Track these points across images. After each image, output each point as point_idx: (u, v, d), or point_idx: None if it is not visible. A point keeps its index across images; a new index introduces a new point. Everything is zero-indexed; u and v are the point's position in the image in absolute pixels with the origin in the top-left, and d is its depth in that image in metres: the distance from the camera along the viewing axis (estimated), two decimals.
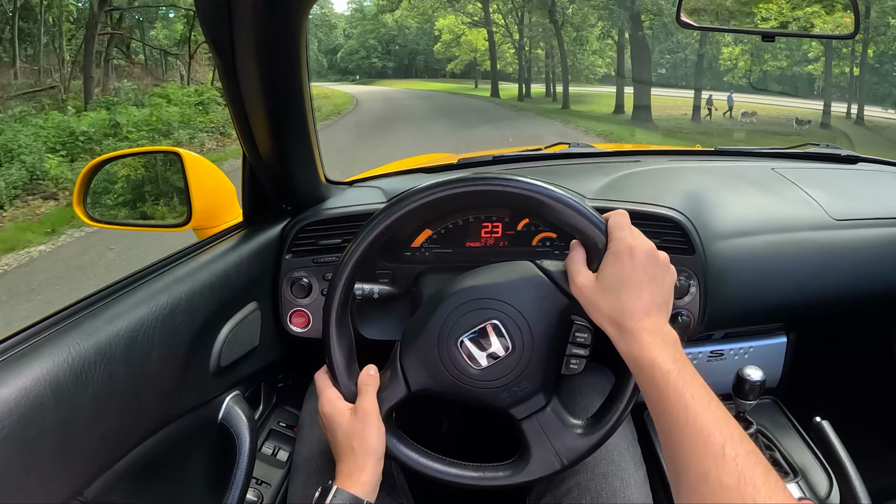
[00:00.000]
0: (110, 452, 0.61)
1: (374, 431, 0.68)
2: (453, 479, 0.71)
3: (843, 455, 0.87)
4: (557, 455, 0.69)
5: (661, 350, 0.58)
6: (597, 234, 0.65)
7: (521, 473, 0.70)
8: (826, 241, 1.03)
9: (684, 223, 0.92)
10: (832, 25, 1.04)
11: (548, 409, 0.70)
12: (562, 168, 1.17)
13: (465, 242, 0.94)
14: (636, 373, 0.60)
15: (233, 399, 0.83)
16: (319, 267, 0.92)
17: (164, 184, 1.08)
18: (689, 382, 0.55)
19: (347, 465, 0.67)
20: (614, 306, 0.61)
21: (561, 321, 0.70)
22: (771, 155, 1.30)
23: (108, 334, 0.60)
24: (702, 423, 0.52)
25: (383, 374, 0.72)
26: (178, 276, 0.74)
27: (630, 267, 0.62)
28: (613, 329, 0.62)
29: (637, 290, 0.61)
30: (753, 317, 1.04)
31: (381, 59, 48.27)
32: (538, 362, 0.69)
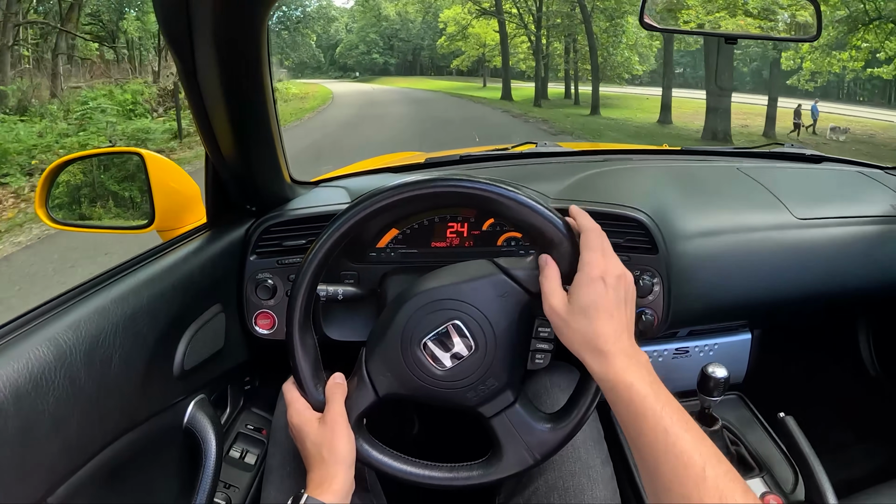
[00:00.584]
0: (73, 459, 0.60)
1: (344, 439, 0.67)
2: (427, 481, 0.70)
3: (807, 450, 0.88)
4: (529, 450, 0.70)
5: (636, 374, 0.59)
6: (555, 232, 0.66)
7: (495, 471, 0.70)
8: (790, 240, 1.04)
9: (648, 223, 0.93)
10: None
11: (516, 405, 0.71)
12: (528, 168, 1.17)
13: (430, 243, 0.94)
14: (612, 396, 0.60)
15: (198, 403, 0.82)
16: (284, 268, 0.92)
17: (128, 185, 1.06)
18: (666, 405, 0.56)
19: (318, 473, 0.66)
20: (588, 330, 0.62)
21: (522, 317, 0.70)
22: (737, 154, 1.32)
23: (69, 339, 0.59)
24: (681, 446, 0.53)
25: (350, 381, 0.72)
26: (141, 279, 0.73)
27: (602, 291, 0.62)
28: (586, 352, 0.62)
29: (609, 313, 0.62)
30: (718, 314, 1.05)
31: (382, 55, 45.44)
32: (503, 359, 0.69)
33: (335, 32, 47.44)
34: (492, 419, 0.70)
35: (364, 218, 0.68)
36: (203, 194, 0.92)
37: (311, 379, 0.71)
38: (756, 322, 1.14)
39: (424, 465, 0.71)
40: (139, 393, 0.69)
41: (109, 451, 0.65)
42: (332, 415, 0.68)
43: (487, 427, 0.71)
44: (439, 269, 0.74)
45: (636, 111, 16.88)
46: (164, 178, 0.95)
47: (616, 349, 0.60)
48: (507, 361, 0.70)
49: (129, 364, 0.67)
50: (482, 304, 0.69)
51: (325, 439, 0.67)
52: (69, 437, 0.59)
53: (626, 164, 1.20)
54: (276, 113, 0.82)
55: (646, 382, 0.58)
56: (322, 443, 0.67)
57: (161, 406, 0.75)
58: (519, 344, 0.71)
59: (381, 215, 0.69)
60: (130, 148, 1.02)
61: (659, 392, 0.57)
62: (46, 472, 0.56)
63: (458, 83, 33.64)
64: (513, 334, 0.70)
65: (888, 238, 1.12)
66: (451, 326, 0.69)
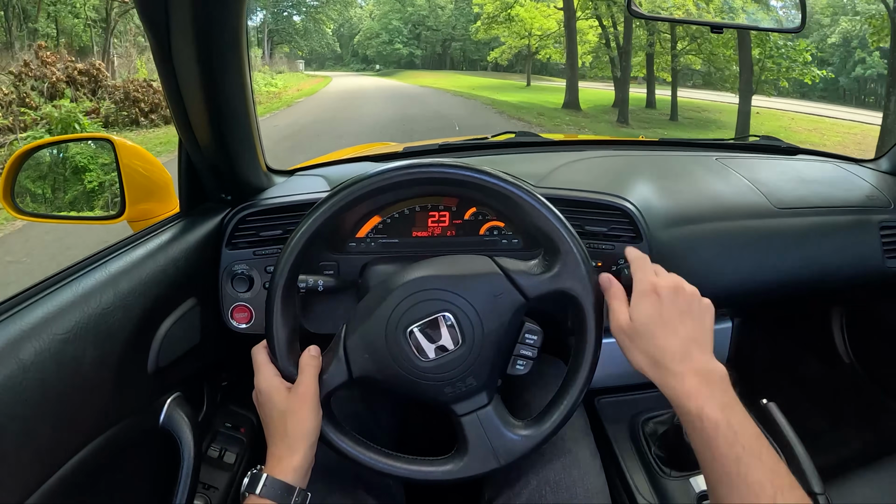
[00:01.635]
0: (46, 464, 0.58)
1: (311, 414, 0.65)
2: (387, 471, 0.69)
3: (791, 435, 0.89)
4: (495, 454, 0.69)
5: (707, 396, 0.57)
6: (565, 243, 0.67)
7: (457, 470, 0.69)
8: (768, 228, 1.06)
9: (633, 211, 0.93)
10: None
11: (489, 407, 0.70)
12: (508, 157, 1.17)
13: (411, 232, 0.93)
14: (683, 419, 0.58)
15: (174, 401, 0.80)
16: (261, 259, 0.89)
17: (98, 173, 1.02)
18: (740, 433, 0.55)
19: (279, 447, 0.64)
20: (651, 349, 0.61)
21: (513, 320, 0.69)
22: (714, 146, 1.34)
23: (38, 338, 0.57)
24: (753, 476, 0.52)
25: (325, 356, 0.70)
26: (111, 272, 0.70)
27: (657, 306, 0.62)
28: (655, 372, 0.61)
29: (671, 328, 0.61)
30: None
31: (406, 46, 40.06)
32: (486, 359, 0.68)
33: (358, 21, 42.74)
34: (463, 417, 0.69)
35: (370, 192, 0.67)
36: (176, 183, 0.89)
37: (286, 347, 0.69)
38: (736, 310, 1.15)
39: (386, 454, 0.70)
40: (112, 392, 0.67)
41: (83, 455, 0.63)
42: (303, 387, 0.66)
43: (457, 425, 0.70)
44: (435, 258, 0.73)
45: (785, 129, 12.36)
46: (135, 166, 0.92)
47: (683, 368, 0.59)
48: (490, 362, 0.69)
49: (100, 362, 0.65)
50: (476, 301, 0.68)
51: (291, 411, 0.65)
52: (41, 442, 0.57)
53: (606, 154, 1.20)
54: (253, 99, 0.80)
55: (717, 405, 0.56)
56: (288, 414, 0.65)
57: (136, 405, 0.72)
58: (504, 347, 0.70)
59: (379, 195, 0.68)
60: (100, 134, 0.98)
61: (732, 417, 0.56)
62: (18, 480, 0.54)
63: (493, 80, 27.34)
64: (500, 336, 0.69)
65: (863, 228, 1.14)
66: (440, 318, 0.67)
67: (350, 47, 43.66)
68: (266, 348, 0.70)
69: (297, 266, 0.69)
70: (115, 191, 0.92)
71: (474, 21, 25.15)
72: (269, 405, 0.67)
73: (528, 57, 24.76)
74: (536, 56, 22.84)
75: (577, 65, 15.58)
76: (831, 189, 1.20)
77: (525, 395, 0.90)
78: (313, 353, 0.69)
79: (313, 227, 0.68)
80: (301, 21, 39.04)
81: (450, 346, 0.67)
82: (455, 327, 0.67)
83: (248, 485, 0.62)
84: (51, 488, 0.57)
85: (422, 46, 40.18)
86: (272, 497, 0.61)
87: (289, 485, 0.62)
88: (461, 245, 0.93)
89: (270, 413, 0.67)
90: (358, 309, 0.71)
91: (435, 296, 0.68)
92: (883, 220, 1.16)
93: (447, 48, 40.36)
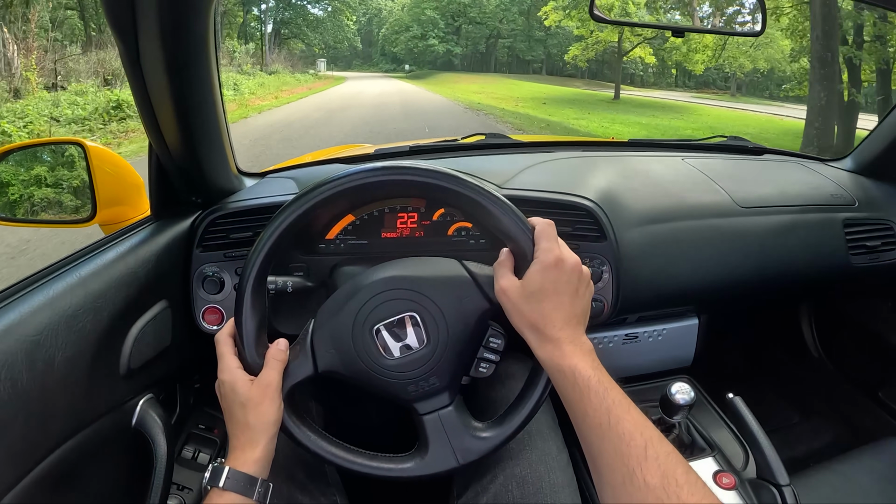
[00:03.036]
0: (18, 466, 0.58)
1: (273, 406, 0.65)
2: (346, 465, 0.70)
3: (756, 428, 0.92)
4: (455, 453, 0.70)
5: (580, 358, 0.60)
6: (527, 243, 0.66)
7: (416, 468, 0.70)
8: (732, 226, 1.08)
9: (597, 211, 0.95)
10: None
11: (451, 407, 0.71)
12: (478, 158, 1.18)
13: (380, 233, 0.94)
14: (557, 379, 0.61)
15: (146, 402, 0.80)
16: (231, 261, 0.90)
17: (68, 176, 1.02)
18: (609, 389, 0.58)
19: (240, 439, 0.64)
20: (537, 313, 0.63)
21: (478, 324, 0.71)
22: (681, 146, 1.36)
23: (8, 340, 0.58)
24: (624, 426, 0.55)
25: (292, 349, 0.70)
26: (82, 275, 0.71)
27: (556, 277, 0.63)
28: (534, 335, 0.63)
29: (560, 300, 0.63)
30: (665, 300, 1.08)
31: (443, 42, 31.84)
32: (449, 360, 0.69)
33: (388, 14, 35.30)
34: (425, 416, 0.71)
35: (335, 195, 0.67)
36: (147, 186, 0.89)
37: (253, 339, 0.68)
38: (703, 307, 1.17)
39: (346, 448, 0.71)
40: (85, 394, 0.67)
41: (56, 456, 0.63)
42: (267, 378, 0.66)
43: (418, 423, 0.71)
44: (404, 258, 0.74)
45: None
46: (106, 169, 0.92)
47: (563, 335, 0.62)
48: (454, 364, 0.70)
49: (73, 364, 0.65)
50: (442, 303, 0.69)
51: (253, 402, 0.65)
52: (13, 444, 0.57)
53: (574, 155, 1.22)
54: (223, 102, 0.81)
55: (589, 366, 0.60)
56: (250, 406, 0.64)
57: (108, 407, 0.73)
58: (468, 349, 0.72)
59: (342, 199, 0.68)
60: (71, 137, 0.98)
61: (602, 376, 0.59)
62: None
63: (558, 89, 20.34)
64: (465, 339, 0.70)
65: (826, 226, 1.17)
66: (407, 317, 0.69)
67: (378, 44, 36.64)
68: (231, 337, 0.69)
69: (270, 259, 0.68)
70: (86, 194, 0.92)
71: (528, 12, 20.13)
72: (231, 396, 0.66)
73: (615, 58, 18.24)
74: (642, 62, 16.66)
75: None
76: (796, 188, 1.23)
77: (491, 393, 0.91)
78: (281, 348, 0.69)
79: (289, 220, 0.68)
80: (315, 11, 32.25)
81: (415, 346, 0.69)
82: (421, 327, 0.69)
83: (210, 478, 0.62)
84: (24, 489, 0.58)
85: (462, 43, 32.33)
86: (235, 489, 0.61)
87: (251, 476, 0.62)
88: (429, 246, 0.94)
89: (232, 404, 0.66)
90: (327, 304, 0.72)
91: (403, 295, 0.69)
92: (847, 218, 1.19)
93: (492, 46, 32.66)
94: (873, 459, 1.01)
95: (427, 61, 33.45)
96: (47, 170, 1.03)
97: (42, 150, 1.06)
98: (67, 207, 1.00)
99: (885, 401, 1.40)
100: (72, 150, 0.98)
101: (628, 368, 1.16)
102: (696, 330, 1.17)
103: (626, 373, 1.17)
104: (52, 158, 1.04)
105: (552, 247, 0.65)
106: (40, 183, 1.03)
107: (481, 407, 0.89)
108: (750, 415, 0.94)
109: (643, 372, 1.17)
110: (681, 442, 1.00)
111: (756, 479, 0.90)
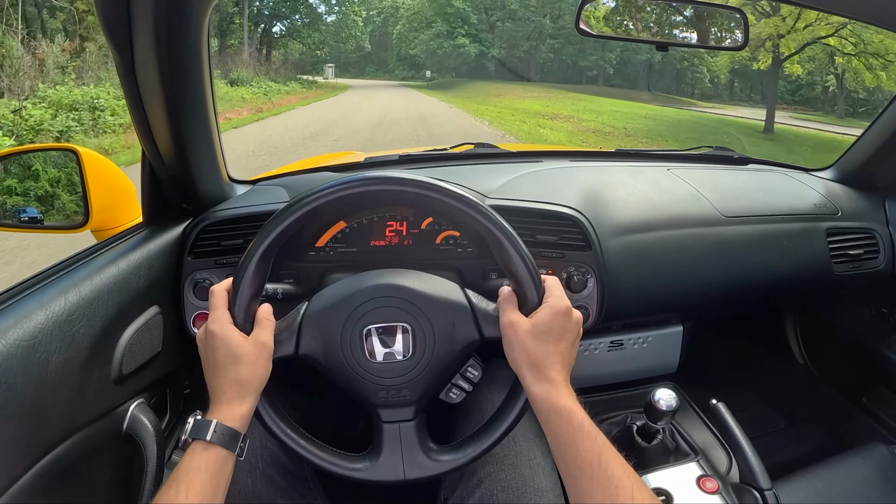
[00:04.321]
0: (10, 469, 0.58)
1: (267, 365, 0.66)
2: (302, 453, 0.70)
3: (739, 434, 0.93)
4: (404, 467, 0.71)
5: (573, 401, 0.63)
6: (532, 293, 0.68)
7: (363, 470, 0.71)
8: (716, 236, 1.10)
9: (581, 220, 0.97)
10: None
11: (413, 423, 0.72)
12: (466, 168, 1.19)
13: (369, 241, 0.95)
14: (550, 417, 0.63)
15: (137, 407, 0.81)
16: (222, 268, 0.91)
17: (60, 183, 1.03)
18: (598, 434, 0.61)
19: (228, 393, 0.63)
20: (541, 352, 0.65)
21: (462, 351, 0.72)
22: (667, 157, 1.38)
23: (3, 344, 0.58)
24: (613, 469, 0.57)
25: (279, 323, 0.71)
26: (75, 281, 0.71)
27: (563, 324, 0.66)
28: (531, 372, 0.65)
29: (563, 345, 0.66)
30: (650, 308, 1.10)
31: (474, 42, 24.28)
32: (426, 378, 0.71)
33: (405, 11, 28.62)
34: (385, 424, 0.72)
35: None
36: (139, 193, 0.90)
37: (247, 301, 0.67)
38: (687, 314, 1.19)
39: (306, 438, 0.71)
40: (77, 398, 0.68)
41: (48, 460, 0.63)
42: (262, 337, 0.66)
43: (377, 429, 0.72)
44: (415, 271, 0.75)
45: None
46: (99, 176, 0.92)
47: (559, 378, 0.65)
48: (429, 382, 0.71)
49: (65, 369, 0.65)
50: (436, 323, 0.70)
51: (249, 359, 0.64)
52: (6, 447, 0.57)
53: (561, 165, 1.23)
54: (215, 111, 0.82)
55: (580, 410, 0.62)
56: (245, 362, 0.64)
57: (100, 411, 0.73)
58: (446, 372, 0.73)
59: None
60: (65, 144, 0.98)
61: (591, 421, 0.62)
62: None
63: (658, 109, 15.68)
64: (447, 362, 0.72)
65: (810, 235, 1.19)
66: (399, 327, 0.70)
67: (393, 46, 29.16)
68: (226, 292, 0.68)
69: (283, 237, 0.67)
70: (79, 200, 0.93)
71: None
72: (223, 349, 0.64)
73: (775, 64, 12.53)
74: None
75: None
76: (780, 197, 1.25)
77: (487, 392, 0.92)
78: (269, 310, 0.70)
79: (328, 199, 0.67)
80: (317, 15, 25.39)
81: (399, 356, 0.70)
82: (409, 339, 0.70)
83: (192, 430, 0.61)
84: (17, 492, 0.58)
85: (497, 45, 24.66)
86: (221, 443, 0.60)
87: (236, 431, 0.62)
88: (418, 254, 0.95)
89: (223, 358, 0.64)
90: (324, 292, 0.73)
91: (401, 305, 0.70)
92: (830, 227, 1.21)
93: (534, 50, 24.37)
94: (856, 464, 1.02)
95: (450, 67, 26.13)
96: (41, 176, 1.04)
97: (35, 157, 1.07)
98: (61, 214, 1.00)
99: (869, 406, 1.42)
100: (66, 157, 0.98)
101: (613, 375, 1.18)
102: (680, 337, 1.19)
103: (611, 379, 1.19)
104: (43, 165, 1.04)
105: (563, 296, 0.68)
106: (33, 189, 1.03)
107: (445, 425, 0.91)
108: (733, 420, 0.96)
109: (628, 378, 1.18)
110: (665, 447, 1.01)
111: (739, 484, 0.92)
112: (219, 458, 0.60)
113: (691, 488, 0.93)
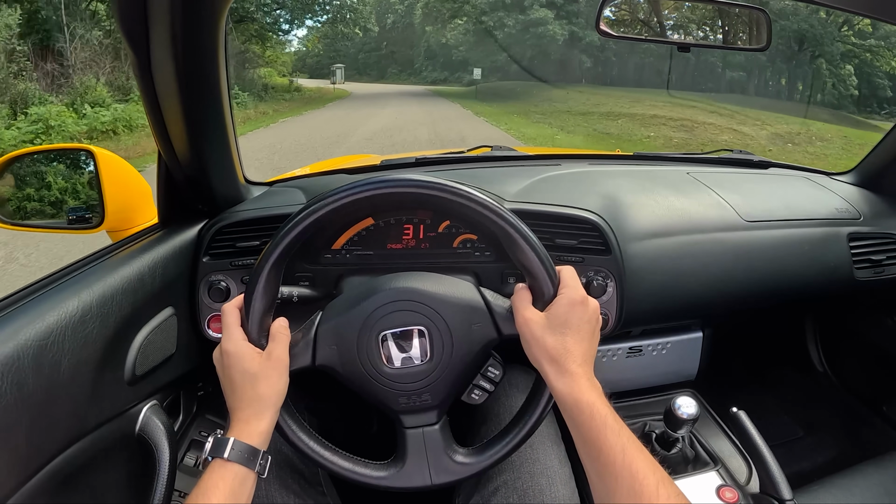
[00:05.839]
0: (22, 469, 0.58)
1: (282, 379, 0.66)
2: (325, 464, 0.70)
3: (760, 442, 0.92)
4: (430, 472, 0.70)
5: (597, 396, 0.61)
6: (548, 285, 0.66)
7: (391, 478, 0.70)
8: (737, 241, 1.08)
9: (601, 225, 0.95)
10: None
11: (436, 426, 0.71)
12: (484, 171, 1.18)
13: (386, 244, 0.94)
14: (573, 413, 0.61)
15: (150, 409, 0.80)
16: (237, 270, 0.90)
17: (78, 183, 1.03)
18: (622, 428, 0.58)
19: (246, 411, 0.64)
20: (560, 346, 0.63)
21: (482, 351, 0.71)
22: (687, 160, 1.36)
23: (16, 344, 0.58)
24: (637, 465, 0.55)
25: (294, 335, 0.70)
26: (90, 281, 0.71)
27: (581, 314, 0.65)
28: (552, 367, 0.64)
29: (581, 336, 0.64)
30: (669, 314, 1.08)
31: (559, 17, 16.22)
32: (446, 381, 0.70)
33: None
34: (409, 430, 0.71)
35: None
36: (155, 194, 0.90)
37: (260, 316, 0.67)
38: (707, 321, 1.17)
39: (329, 448, 0.71)
40: (90, 399, 0.67)
41: (60, 461, 0.63)
42: (277, 352, 0.66)
43: (400, 435, 0.71)
44: (427, 273, 0.74)
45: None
46: (115, 177, 0.92)
47: (581, 371, 0.62)
48: (449, 385, 0.70)
49: (78, 369, 0.65)
50: (453, 324, 0.69)
51: (265, 375, 0.64)
52: (17, 447, 0.57)
53: (580, 168, 1.22)
54: (232, 111, 0.82)
55: (604, 405, 0.60)
56: (262, 378, 0.64)
57: (112, 413, 0.73)
58: (466, 374, 0.72)
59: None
60: (81, 144, 0.99)
61: (616, 415, 0.60)
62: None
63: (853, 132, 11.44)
64: (466, 363, 0.70)
65: (831, 240, 1.17)
66: (415, 330, 0.69)
67: (421, 39, 22.53)
68: (237, 309, 0.68)
69: (292, 247, 0.67)
70: (95, 201, 0.93)
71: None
72: (238, 367, 0.65)
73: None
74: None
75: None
76: (801, 202, 1.23)
77: (504, 398, 0.91)
78: (283, 324, 0.69)
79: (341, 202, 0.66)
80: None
81: (417, 360, 0.69)
82: (427, 343, 0.69)
83: (212, 449, 0.61)
84: (27, 493, 0.58)
85: (578, 24, 16.38)
86: (240, 461, 0.61)
87: (256, 448, 0.62)
88: (435, 257, 0.94)
89: (239, 376, 0.65)
90: (338, 301, 0.72)
91: (416, 308, 0.69)
92: (852, 232, 1.19)
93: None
94: (877, 474, 1.00)
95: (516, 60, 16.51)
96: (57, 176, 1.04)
97: (52, 156, 1.07)
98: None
99: (890, 415, 1.39)
100: (82, 157, 0.98)
101: (632, 382, 1.16)
102: (700, 343, 1.17)
103: (630, 386, 1.17)
104: (62, 165, 1.04)
105: (578, 286, 0.67)
106: (50, 189, 1.04)
107: (468, 430, 0.90)
108: (753, 429, 0.94)
109: (647, 385, 1.17)
110: (684, 456, 1.00)
111: (759, 494, 0.90)
112: (237, 475, 0.60)
113: (711, 498, 0.91)
